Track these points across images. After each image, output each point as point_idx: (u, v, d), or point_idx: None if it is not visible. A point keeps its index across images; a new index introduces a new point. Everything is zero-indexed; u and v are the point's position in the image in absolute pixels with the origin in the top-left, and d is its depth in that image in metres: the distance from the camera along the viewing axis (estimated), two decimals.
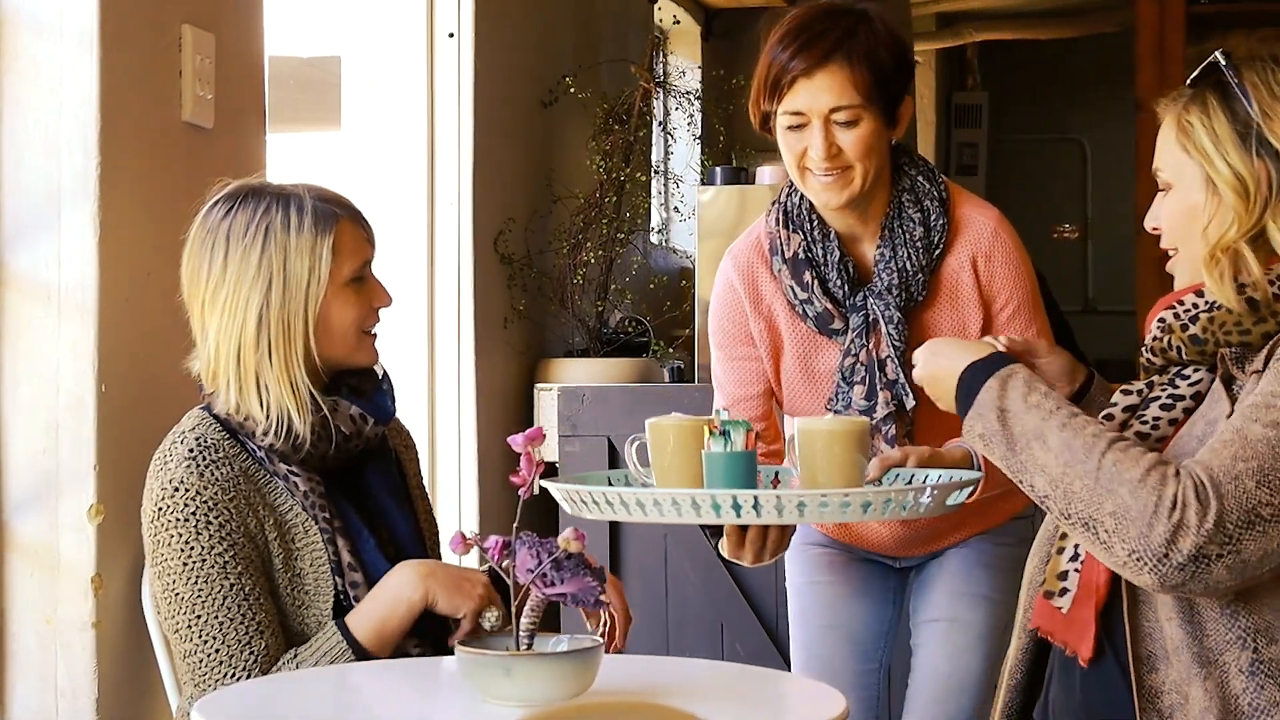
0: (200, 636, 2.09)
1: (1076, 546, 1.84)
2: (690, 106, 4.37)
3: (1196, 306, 1.84)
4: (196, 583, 2.09)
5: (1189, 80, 1.86)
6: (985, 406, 1.80)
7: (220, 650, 2.08)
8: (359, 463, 2.26)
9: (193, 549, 2.10)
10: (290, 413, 2.15)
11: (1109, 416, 1.88)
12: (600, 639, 1.83)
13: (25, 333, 2.29)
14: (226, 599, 2.09)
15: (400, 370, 2.41)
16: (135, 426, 2.33)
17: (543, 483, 2.03)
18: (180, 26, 2.46)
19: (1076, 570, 1.83)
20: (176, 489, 2.12)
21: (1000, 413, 1.78)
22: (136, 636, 2.32)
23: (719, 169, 4.05)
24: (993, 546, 2.55)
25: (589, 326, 4.06)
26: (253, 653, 2.09)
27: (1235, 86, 1.80)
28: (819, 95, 2.30)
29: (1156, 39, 5.49)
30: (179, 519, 2.11)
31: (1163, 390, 1.87)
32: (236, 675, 2.08)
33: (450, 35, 3.67)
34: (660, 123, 4.71)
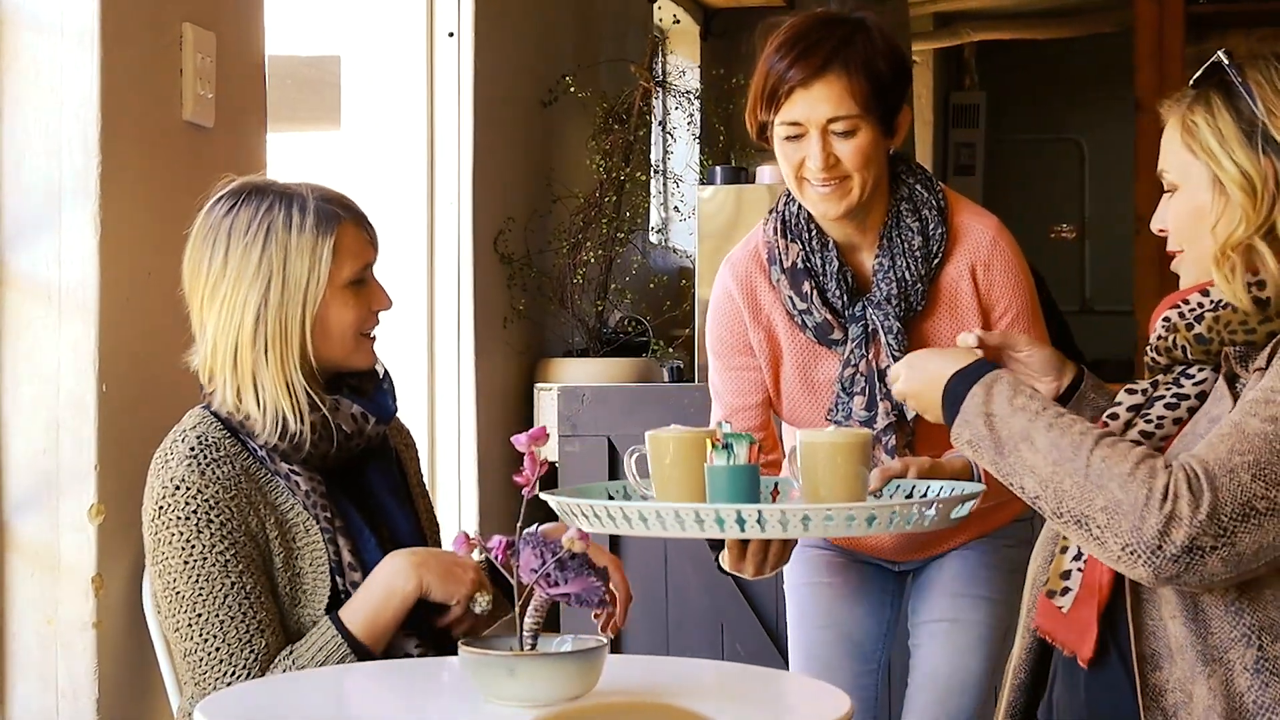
0: (201, 635, 2.09)
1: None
2: (690, 106, 4.36)
3: (1202, 306, 1.84)
4: (197, 581, 2.09)
5: (1192, 81, 1.86)
6: (971, 413, 1.80)
7: (221, 649, 2.08)
8: (360, 462, 2.26)
9: (194, 547, 2.09)
10: (285, 412, 2.14)
11: (1113, 416, 1.88)
12: (603, 638, 1.82)
13: (26, 332, 2.29)
14: (228, 597, 2.09)
15: (400, 370, 2.41)
16: (136, 426, 2.33)
17: (544, 495, 2.03)
18: (181, 25, 2.46)
19: (1079, 569, 1.83)
20: (178, 487, 2.11)
21: (987, 418, 1.78)
22: (137, 637, 2.31)
23: (719, 168, 4.04)
24: (993, 548, 2.55)
25: (589, 326, 4.06)
26: (253, 651, 2.08)
27: (1239, 85, 1.80)
28: (816, 105, 2.28)
29: (1155, 39, 5.49)
30: (180, 517, 2.10)
31: (1167, 389, 1.87)
32: (237, 674, 2.07)
33: (450, 35, 3.67)
34: (660, 122, 4.70)
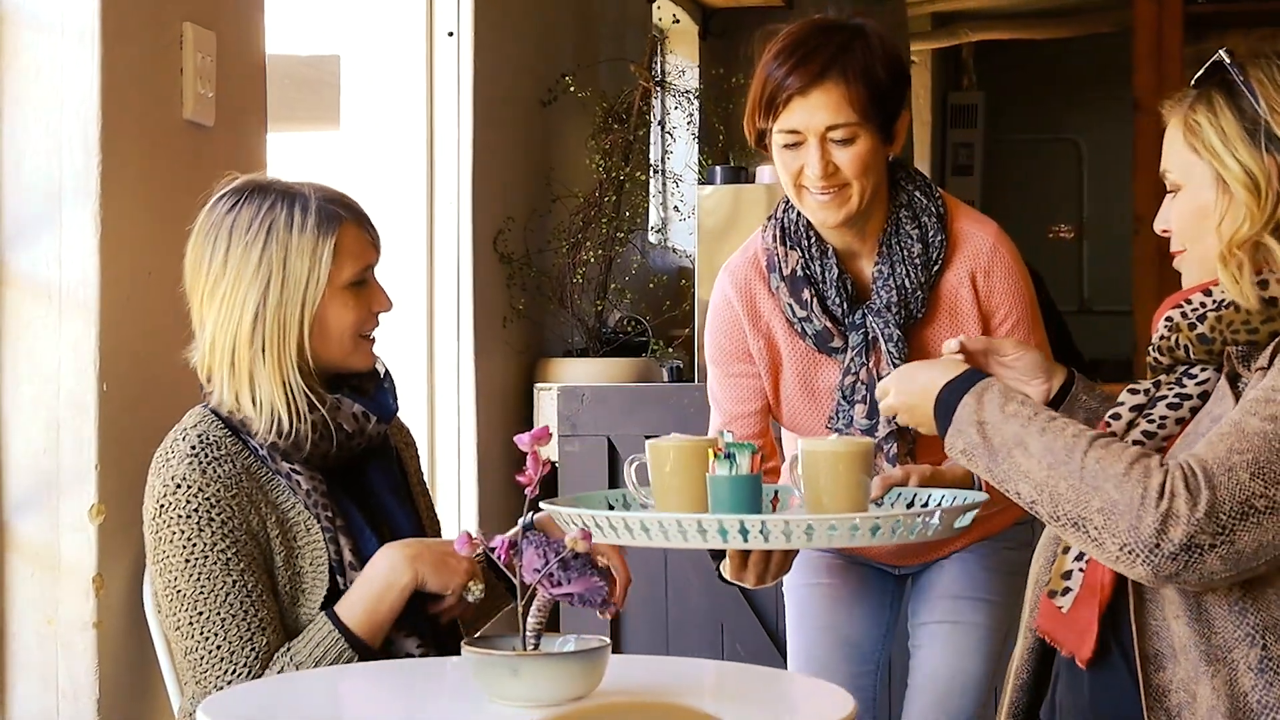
0: (202, 633, 2.08)
1: None
2: (690, 106, 4.36)
3: (1204, 305, 1.84)
4: (199, 579, 2.09)
5: (1194, 80, 1.85)
6: (964, 422, 1.80)
7: (222, 647, 2.08)
8: (361, 461, 2.26)
9: (195, 546, 2.09)
10: (280, 411, 2.14)
11: (1116, 416, 1.88)
12: (605, 639, 1.82)
13: (26, 331, 2.28)
14: (229, 595, 2.08)
15: (400, 370, 2.40)
16: (136, 426, 2.32)
17: (544, 505, 2.02)
18: (181, 24, 2.45)
19: (1081, 569, 1.82)
20: (179, 486, 2.11)
21: (979, 426, 1.78)
22: (138, 637, 2.31)
23: (719, 168, 4.04)
24: (993, 551, 2.54)
25: (588, 326, 4.05)
26: (254, 649, 2.08)
27: (1241, 84, 1.79)
28: (815, 113, 2.27)
29: (1154, 39, 5.49)
30: (181, 516, 2.10)
31: (1170, 390, 1.86)
32: (237, 672, 2.07)
33: (450, 34, 3.66)
34: (659, 122, 4.70)
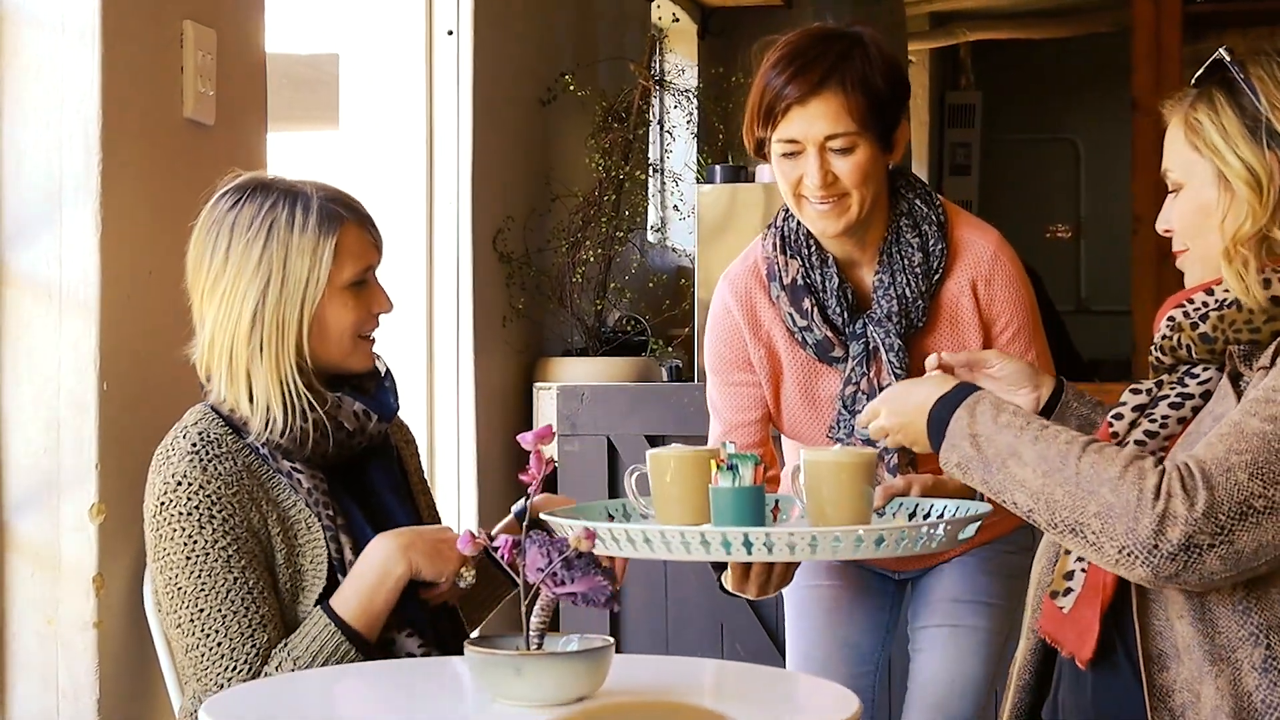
0: (203, 630, 2.08)
1: None
2: (689, 105, 4.35)
3: (1206, 305, 1.84)
4: (199, 576, 2.08)
5: (1194, 79, 1.85)
6: (957, 436, 1.80)
7: (223, 644, 2.07)
8: (362, 460, 2.25)
9: (196, 543, 2.09)
10: (275, 410, 2.14)
11: (1118, 416, 1.88)
12: (609, 638, 1.82)
13: (26, 331, 2.28)
14: (230, 592, 2.08)
15: (399, 369, 2.40)
16: (137, 425, 2.32)
17: (544, 516, 2.02)
18: (182, 23, 2.45)
19: (1083, 570, 1.82)
20: (179, 483, 2.10)
21: (972, 439, 1.78)
22: (138, 637, 2.30)
23: (718, 167, 4.04)
24: (994, 554, 2.53)
25: (588, 325, 4.05)
26: (255, 646, 2.08)
27: (1241, 82, 1.79)
28: (813, 123, 2.27)
29: (1153, 38, 5.49)
30: (182, 513, 2.09)
31: (1172, 389, 1.86)
32: (238, 669, 2.07)
33: (449, 33, 3.66)
34: (659, 121, 4.69)
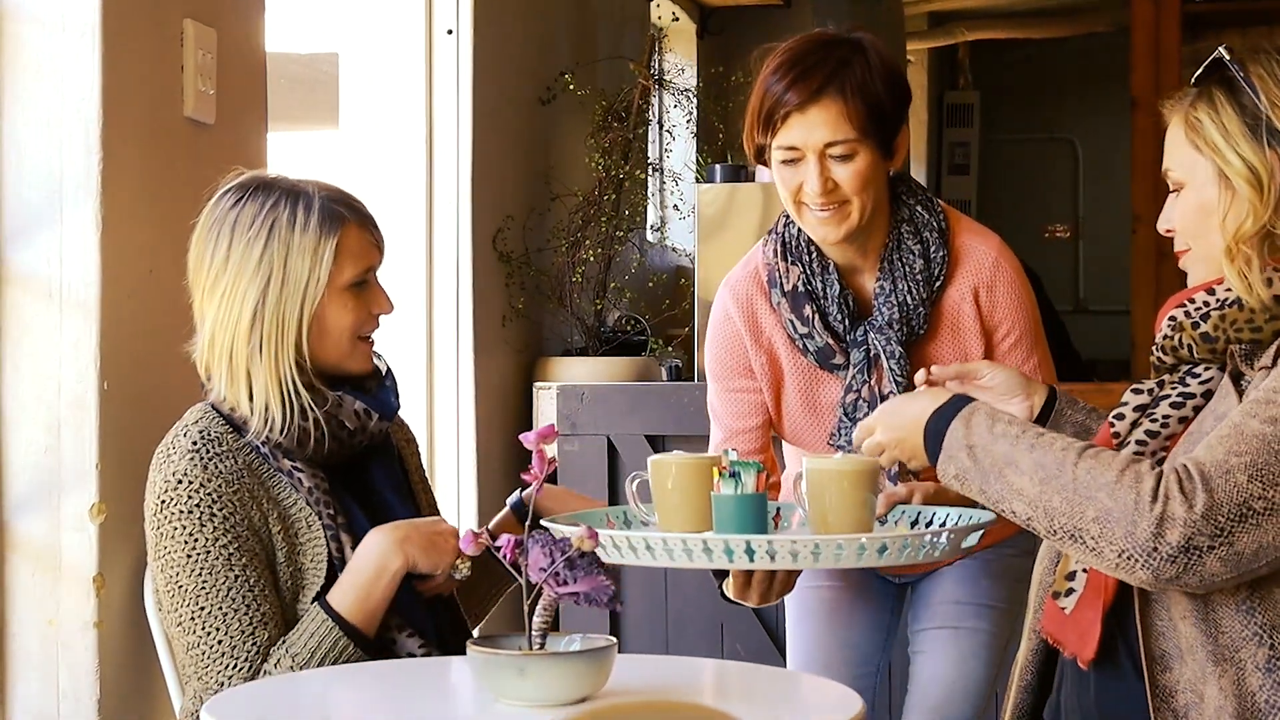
0: (204, 628, 2.08)
1: None
2: (689, 104, 4.35)
3: (1208, 304, 1.83)
4: (200, 574, 2.08)
5: (1194, 79, 1.85)
6: (954, 448, 1.80)
7: (223, 641, 2.07)
8: (363, 458, 2.25)
9: (196, 541, 2.08)
10: (274, 410, 2.13)
11: (1119, 416, 1.88)
12: (612, 638, 1.82)
13: (27, 330, 2.27)
14: (230, 590, 2.08)
15: (399, 369, 2.39)
16: (138, 424, 2.32)
17: (545, 523, 2.02)
18: (182, 21, 2.44)
19: (1085, 570, 1.82)
20: (180, 481, 2.10)
21: (969, 449, 1.78)
22: (139, 637, 2.30)
23: (718, 166, 4.03)
24: (996, 557, 2.52)
25: (587, 325, 4.04)
26: (255, 644, 2.07)
27: (1241, 80, 1.79)
28: (813, 130, 2.26)
29: (1152, 38, 5.49)
30: (183, 511, 2.09)
31: (1173, 389, 1.86)
32: (239, 666, 2.07)
33: (449, 32, 3.65)
34: (659, 120, 4.69)
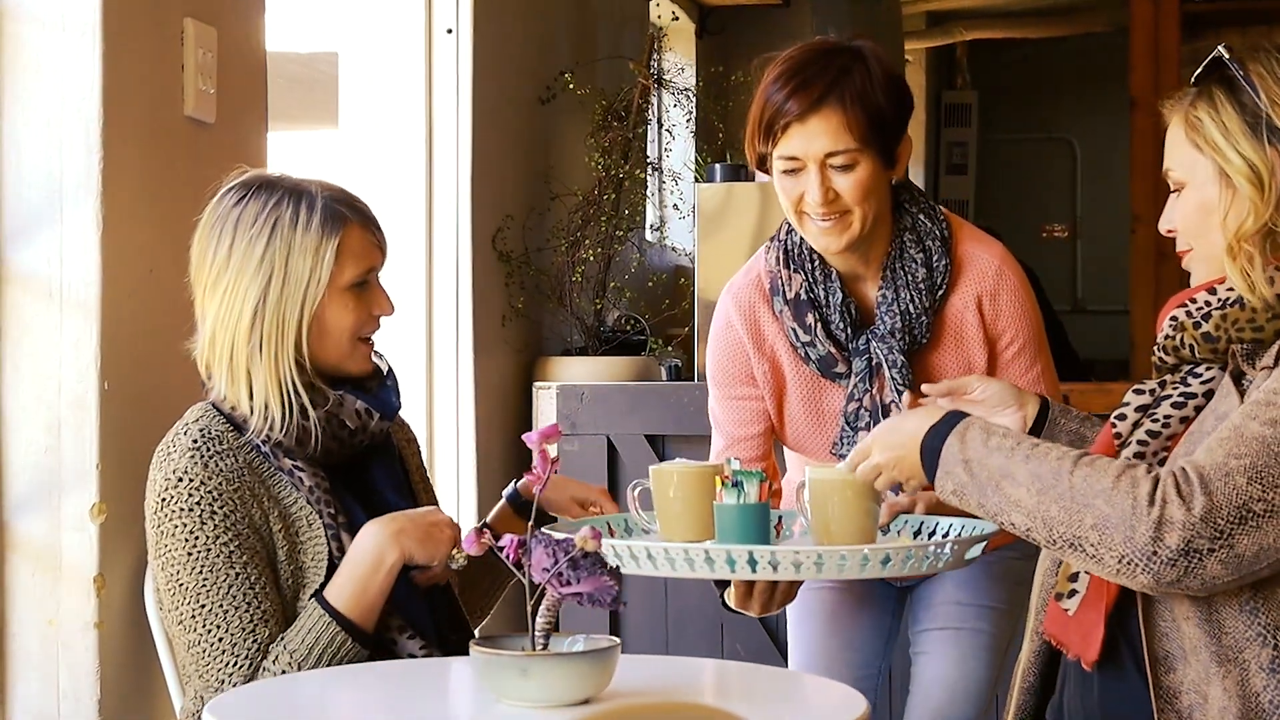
0: (205, 626, 2.07)
1: None
2: (688, 103, 4.34)
3: (1209, 304, 1.83)
4: (201, 572, 2.08)
5: (1193, 78, 1.85)
6: (950, 464, 1.80)
7: (224, 639, 2.07)
8: (364, 458, 2.25)
9: (197, 539, 2.08)
10: (274, 409, 2.13)
11: (1121, 416, 1.88)
12: (615, 639, 1.81)
13: (27, 330, 2.27)
14: (231, 588, 2.08)
15: (398, 368, 2.39)
16: (138, 424, 2.31)
17: (544, 530, 2.02)
18: (182, 20, 2.44)
19: (1087, 572, 1.82)
20: (180, 479, 2.10)
21: (965, 464, 1.78)
22: (139, 637, 2.30)
23: (717, 166, 4.03)
24: (997, 559, 2.52)
25: (587, 324, 4.04)
26: (256, 641, 2.07)
27: (1241, 79, 1.79)
28: (814, 140, 2.25)
29: (1151, 37, 5.49)
30: (183, 509, 2.09)
31: (1175, 389, 1.86)
32: (239, 664, 2.06)
33: (449, 31, 3.65)
34: (658, 119, 4.69)
